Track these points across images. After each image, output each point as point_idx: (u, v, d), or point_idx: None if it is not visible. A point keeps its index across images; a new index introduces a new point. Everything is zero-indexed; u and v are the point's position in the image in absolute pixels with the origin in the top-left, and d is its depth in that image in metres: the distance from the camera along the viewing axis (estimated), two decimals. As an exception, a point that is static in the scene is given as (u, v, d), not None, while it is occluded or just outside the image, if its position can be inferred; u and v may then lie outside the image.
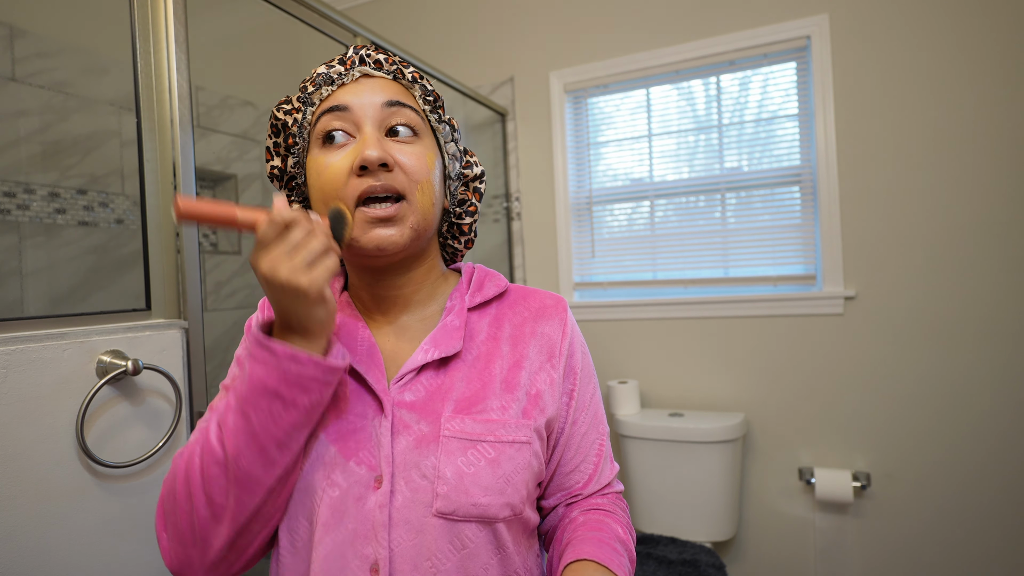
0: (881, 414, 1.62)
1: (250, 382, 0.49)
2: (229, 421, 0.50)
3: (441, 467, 0.53)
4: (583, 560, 0.53)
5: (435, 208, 0.58)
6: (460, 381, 0.58)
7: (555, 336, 0.62)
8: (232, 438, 0.49)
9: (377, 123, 0.55)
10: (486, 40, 2.09)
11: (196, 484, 0.50)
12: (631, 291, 1.94)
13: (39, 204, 1.34)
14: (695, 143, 1.86)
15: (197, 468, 0.51)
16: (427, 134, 0.59)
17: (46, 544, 0.70)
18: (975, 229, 1.52)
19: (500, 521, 0.54)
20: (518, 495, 0.55)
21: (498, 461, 0.54)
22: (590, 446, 0.64)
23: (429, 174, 0.56)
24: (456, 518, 0.53)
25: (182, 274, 0.86)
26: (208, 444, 0.51)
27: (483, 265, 0.68)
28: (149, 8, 0.86)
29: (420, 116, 0.58)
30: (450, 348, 0.58)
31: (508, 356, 0.60)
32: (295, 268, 0.46)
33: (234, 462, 0.49)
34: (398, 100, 0.56)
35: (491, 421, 0.56)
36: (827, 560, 1.67)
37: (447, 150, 0.61)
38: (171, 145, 0.86)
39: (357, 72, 0.58)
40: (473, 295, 0.62)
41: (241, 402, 0.49)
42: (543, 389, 0.60)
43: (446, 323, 0.60)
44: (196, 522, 0.50)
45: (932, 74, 1.54)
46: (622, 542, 0.58)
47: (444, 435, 0.54)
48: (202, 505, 0.50)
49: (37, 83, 1.33)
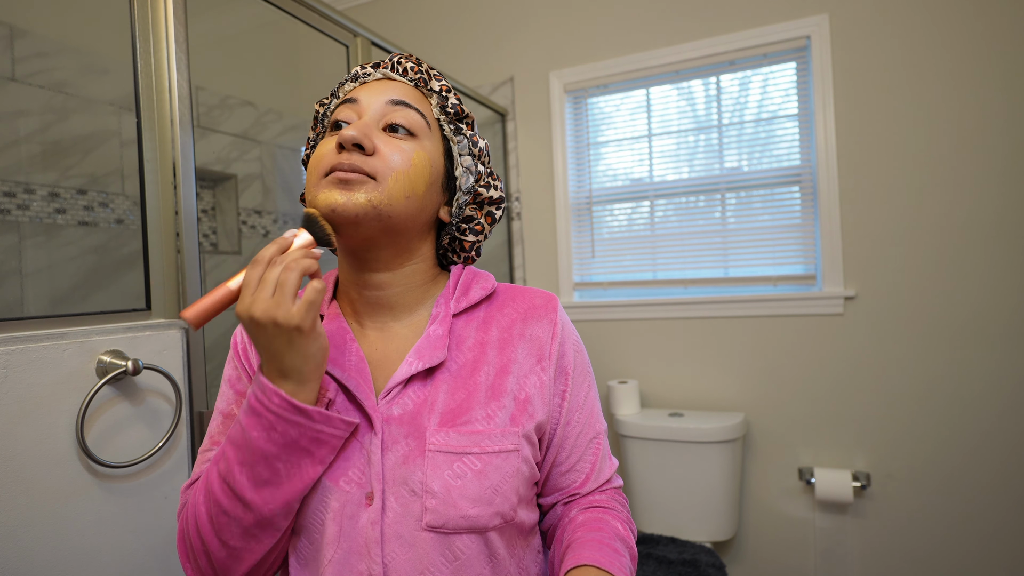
0: (881, 414, 1.62)
1: (281, 444, 0.50)
2: (239, 473, 0.50)
3: (428, 481, 0.53)
4: (584, 566, 0.53)
5: (410, 203, 0.56)
6: (444, 393, 0.57)
7: (544, 337, 0.61)
8: (254, 492, 0.50)
9: (377, 116, 0.57)
10: (486, 40, 2.09)
11: (207, 531, 0.52)
12: (631, 291, 1.94)
13: (39, 204, 1.34)
14: (695, 143, 1.86)
15: (205, 516, 0.52)
16: (430, 139, 0.59)
17: (46, 544, 0.70)
18: (975, 229, 1.52)
19: (491, 530, 0.55)
20: (507, 503, 0.55)
21: (485, 472, 0.54)
22: (586, 445, 0.63)
23: (410, 169, 0.56)
24: (446, 531, 0.53)
25: (182, 274, 0.86)
26: (214, 495, 0.51)
27: (472, 266, 0.67)
28: (149, 8, 0.86)
29: (425, 120, 0.59)
30: (434, 359, 0.57)
31: (495, 362, 0.59)
32: (280, 304, 0.47)
33: (258, 512, 0.50)
34: (403, 100, 0.58)
35: (476, 432, 0.55)
36: (827, 560, 1.67)
37: (461, 162, 0.62)
38: (171, 145, 0.86)
39: (379, 73, 0.62)
40: (458, 300, 0.62)
41: (265, 458, 0.50)
42: (532, 393, 0.59)
43: (430, 332, 0.59)
44: (215, 562, 0.53)
45: (932, 74, 1.54)
46: (623, 540, 0.58)
47: (430, 449, 0.54)
48: (217, 548, 0.52)
49: (37, 83, 1.33)
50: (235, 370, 0.63)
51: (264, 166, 1.96)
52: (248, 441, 0.49)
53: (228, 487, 0.50)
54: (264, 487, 0.50)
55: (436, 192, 0.60)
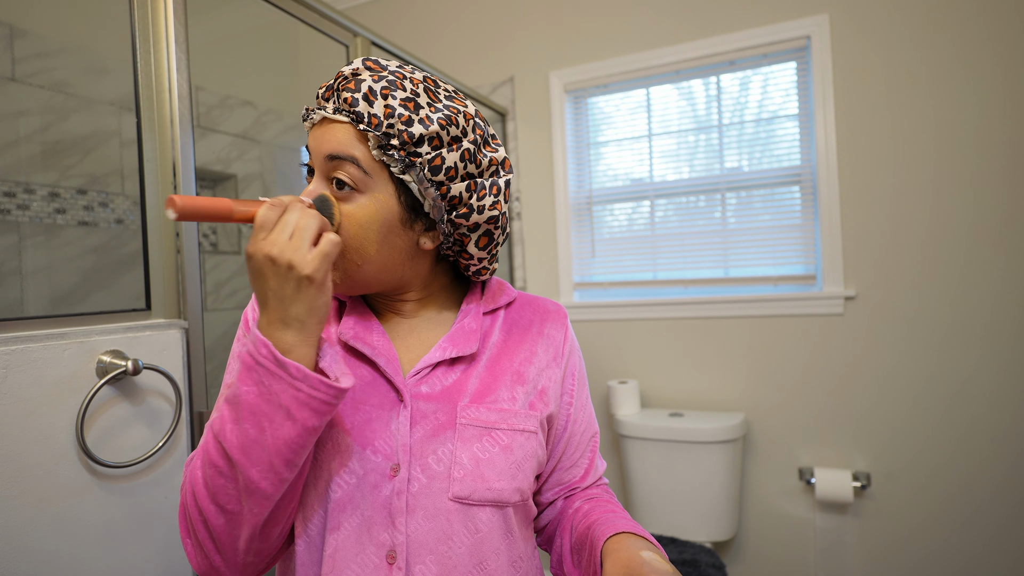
0: (881, 414, 1.62)
1: (266, 399, 0.48)
2: (230, 432, 0.49)
3: (458, 453, 0.56)
4: (623, 533, 0.55)
5: (368, 264, 0.56)
6: (474, 379, 0.60)
7: (559, 339, 0.66)
8: (240, 452, 0.48)
9: (324, 174, 0.55)
10: (486, 40, 2.09)
11: (203, 496, 0.50)
12: (631, 291, 1.94)
13: (39, 204, 1.34)
14: (695, 143, 1.86)
15: (201, 480, 0.51)
16: (375, 185, 0.54)
17: (46, 544, 0.70)
18: (975, 229, 1.52)
19: (511, 505, 0.58)
20: (527, 481, 0.59)
21: (511, 448, 0.58)
22: (587, 442, 0.68)
23: (353, 232, 0.54)
24: (471, 502, 0.55)
25: (182, 274, 0.86)
26: (209, 456, 0.50)
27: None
28: (149, 8, 0.86)
29: (362, 170, 0.53)
30: (466, 348, 0.60)
31: (519, 353, 0.63)
32: (297, 248, 0.47)
33: (243, 473, 0.49)
34: (338, 154, 0.53)
35: (504, 410, 0.59)
36: (827, 560, 1.67)
37: (427, 195, 0.55)
38: (171, 145, 0.86)
39: (320, 114, 0.55)
40: (487, 302, 0.65)
41: (252, 413, 0.48)
42: (548, 386, 0.63)
43: (463, 325, 0.62)
44: (213, 531, 0.51)
45: (932, 74, 1.54)
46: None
47: (460, 423, 0.57)
48: (215, 515, 0.50)
49: (37, 83, 1.33)
50: (243, 346, 0.61)
51: (264, 166, 1.96)
52: (238, 395, 0.49)
53: (220, 446, 0.49)
54: (250, 447, 0.48)
55: (399, 234, 0.56)
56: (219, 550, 0.51)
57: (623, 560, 0.50)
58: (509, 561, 0.58)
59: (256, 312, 0.61)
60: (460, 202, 0.56)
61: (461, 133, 0.55)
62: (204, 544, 0.52)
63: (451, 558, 0.54)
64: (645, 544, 0.53)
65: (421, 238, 0.58)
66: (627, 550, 0.51)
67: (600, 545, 0.55)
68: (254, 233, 0.48)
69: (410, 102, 0.53)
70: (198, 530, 0.52)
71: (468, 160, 0.55)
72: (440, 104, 0.55)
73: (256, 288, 0.49)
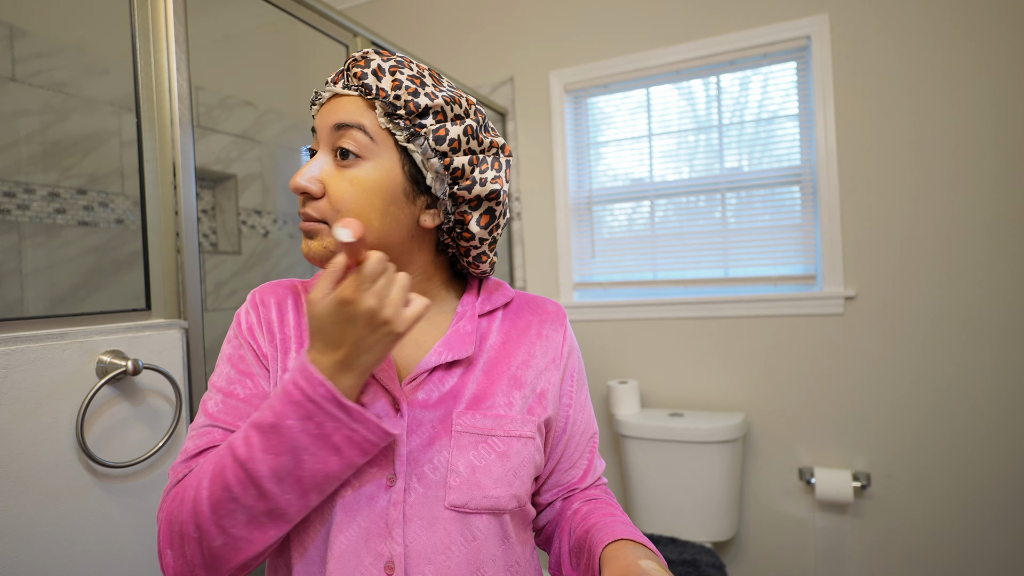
0: (881, 414, 1.62)
1: (315, 436, 0.48)
2: (262, 460, 0.48)
3: (453, 461, 0.55)
4: (621, 540, 0.55)
5: (366, 233, 0.55)
6: (471, 383, 0.60)
7: (558, 340, 0.66)
8: (274, 482, 0.48)
9: (329, 146, 0.56)
10: (486, 40, 2.09)
11: (206, 516, 0.49)
12: (631, 291, 1.94)
13: (39, 204, 1.34)
14: (695, 143, 1.86)
15: (207, 501, 0.49)
16: (381, 153, 0.55)
17: (46, 544, 0.70)
18: (975, 229, 1.52)
19: (507, 512, 0.57)
20: (524, 487, 0.59)
21: (507, 454, 0.57)
22: (586, 443, 0.68)
23: (354, 203, 0.55)
24: (468, 510, 0.55)
25: (182, 274, 0.86)
26: (225, 480, 0.49)
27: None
28: (149, 8, 0.86)
29: (368, 136, 0.55)
30: (462, 352, 0.60)
31: (517, 356, 0.63)
32: (398, 306, 0.48)
33: (273, 501, 0.49)
34: (344, 122, 0.55)
35: (500, 416, 0.58)
36: (827, 560, 1.67)
37: (430, 166, 0.56)
38: (171, 145, 0.86)
39: (330, 91, 0.58)
40: (483, 303, 0.65)
41: (294, 447, 0.48)
42: (547, 389, 0.63)
43: (459, 328, 0.61)
44: (208, 550, 0.49)
45: (932, 74, 1.54)
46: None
47: (456, 430, 0.56)
48: (214, 535, 0.49)
49: (37, 83, 1.33)
50: (237, 349, 0.60)
51: (264, 166, 1.96)
52: (279, 429, 0.48)
53: (245, 473, 0.48)
54: (286, 478, 0.48)
55: (401, 207, 0.56)
56: (207, 567, 0.50)
57: (621, 569, 0.50)
58: (506, 567, 0.58)
59: (251, 316, 0.61)
60: (462, 175, 0.57)
61: (464, 112, 0.57)
62: (192, 560, 0.50)
63: (449, 567, 0.54)
64: (644, 552, 0.53)
65: (422, 215, 0.58)
66: (626, 558, 0.51)
67: (599, 551, 0.55)
68: (359, 281, 0.47)
69: (417, 79, 0.56)
70: (188, 546, 0.50)
71: (471, 136, 0.57)
72: (444, 87, 0.58)
73: (334, 330, 0.48)
